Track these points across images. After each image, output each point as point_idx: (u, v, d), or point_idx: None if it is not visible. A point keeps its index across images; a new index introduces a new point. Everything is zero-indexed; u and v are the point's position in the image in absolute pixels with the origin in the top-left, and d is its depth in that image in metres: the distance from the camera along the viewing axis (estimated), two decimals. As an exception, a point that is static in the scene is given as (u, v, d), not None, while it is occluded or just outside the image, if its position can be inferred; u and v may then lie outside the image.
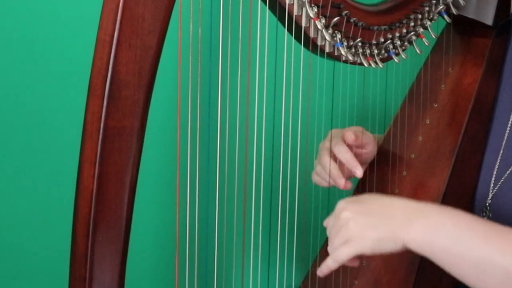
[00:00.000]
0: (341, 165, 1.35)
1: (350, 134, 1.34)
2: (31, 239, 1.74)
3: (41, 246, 1.74)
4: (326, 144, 1.37)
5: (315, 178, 1.40)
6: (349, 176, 1.36)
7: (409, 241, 1.10)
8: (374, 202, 1.16)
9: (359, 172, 1.33)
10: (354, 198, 1.18)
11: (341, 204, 1.16)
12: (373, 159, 1.39)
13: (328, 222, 1.18)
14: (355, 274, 1.28)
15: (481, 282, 1.10)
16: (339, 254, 1.13)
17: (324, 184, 1.38)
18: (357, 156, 1.35)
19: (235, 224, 1.29)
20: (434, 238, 1.09)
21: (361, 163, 1.35)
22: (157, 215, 1.76)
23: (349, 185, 1.35)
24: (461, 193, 1.33)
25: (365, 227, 1.12)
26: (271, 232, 1.26)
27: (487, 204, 1.32)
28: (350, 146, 1.35)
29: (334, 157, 1.35)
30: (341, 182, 1.34)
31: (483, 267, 1.08)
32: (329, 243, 1.16)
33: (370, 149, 1.38)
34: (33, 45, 1.67)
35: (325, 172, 1.35)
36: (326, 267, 1.16)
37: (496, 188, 1.32)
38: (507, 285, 1.08)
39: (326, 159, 1.35)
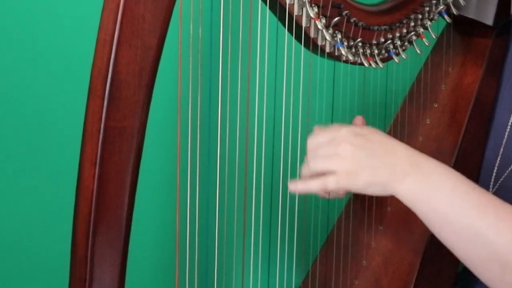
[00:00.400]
0: None
1: (359, 118, 1.31)
2: (31, 239, 1.74)
3: (41, 246, 1.74)
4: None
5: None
6: None
7: (400, 193, 1.08)
8: (378, 141, 1.11)
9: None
10: (358, 129, 1.12)
11: (343, 132, 1.10)
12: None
13: (317, 138, 1.12)
14: (355, 274, 1.28)
15: (466, 252, 1.07)
16: (327, 182, 1.09)
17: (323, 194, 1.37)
18: None
19: (235, 224, 1.29)
20: (428, 198, 1.07)
21: None
22: (157, 215, 1.76)
23: None
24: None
25: (362, 166, 1.08)
26: (271, 232, 1.25)
27: (487, 203, 1.31)
28: None
29: None
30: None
31: (472, 238, 1.05)
32: (311, 159, 1.11)
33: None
34: (33, 45, 1.67)
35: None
36: (305, 187, 1.11)
37: (495, 187, 1.32)
38: (491, 262, 1.05)
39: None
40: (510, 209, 1.07)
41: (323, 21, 1.19)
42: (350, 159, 1.08)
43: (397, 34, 1.28)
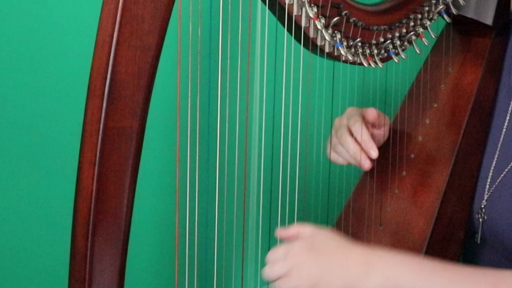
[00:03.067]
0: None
1: (373, 111, 1.32)
2: (31, 239, 1.74)
3: (41, 247, 1.74)
4: (343, 121, 1.36)
5: (333, 156, 1.38)
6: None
7: None
8: (329, 251, 1.15)
9: (374, 153, 1.32)
10: (309, 243, 1.16)
11: (296, 249, 1.15)
12: (373, 161, 1.39)
13: (274, 253, 1.16)
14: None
15: None
16: None
17: (342, 162, 1.37)
18: (371, 136, 1.34)
19: (235, 224, 1.29)
20: (396, 285, 1.11)
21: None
22: (157, 215, 1.76)
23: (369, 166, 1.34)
24: (461, 193, 1.33)
25: (318, 282, 1.12)
26: (271, 232, 1.25)
27: (483, 206, 1.31)
28: (367, 125, 1.34)
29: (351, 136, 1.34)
30: (367, 164, 1.33)
31: None
32: (269, 275, 1.15)
33: (384, 132, 1.37)
34: (32, 45, 1.67)
35: (346, 152, 1.34)
36: None
37: (491, 190, 1.31)
38: None
39: (348, 139, 1.33)
40: (474, 278, 1.12)
41: (323, 21, 1.19)
42: (306, 278, 1.13)
43: (397, 34, 1.28)
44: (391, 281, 1.11)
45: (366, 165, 1.32)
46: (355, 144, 1.33)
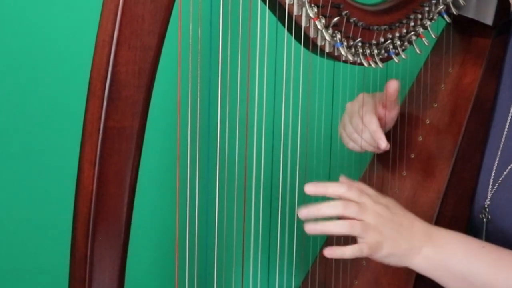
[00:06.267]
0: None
1: (394, 82, 1.32)
2: (31, 239, 1.74)
3: (41, 247, 1.74)
4: (355, 107, 1.36)
5: (351, 145, 1.39)
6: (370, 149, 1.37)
7: (417, 264, 1.16)
8: (398, 213, 1.16)
9: (383, 144, 1.32)
10: (382, 198, 1.16)
11: (372, 200, 1.14)
12: (373, 161, 1.39)
13: (347, 192, 1.14)
14: (355, 274, 1.28)
15: None
16: (358, 250, 1.13)
17: (358, 149, 1.38)
18: (381, 119, 1.35)
19: (235, 224, 1.29)
20: (444, 265, 1.15)
21: (382, 127, 1.35)
22: (157, 215, 1.76)
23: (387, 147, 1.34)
24: (461, 193, 1.33)
25: (386, 238, 1.13)
26: (271, 232, 1.25)
27: (486, 205, 1.32)
28: (378, 106, 1.34)
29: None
30: (384, 144, 1.33)
31: None
32: (347, 222, 1.13)
33: (393, 116, 1.37)
34: (32, 45, 1.67)
35: (362, 139, 1.35)
36: (339, 252, 1.14)
37: (494, 189, 1.31)
38: None
39: (360, 125, 1.35)
40: None
41: (323, 21, 1.19)
42: (378, 232, 1.13)
43: (397, 34, 1.28)
44: (442, 256, 1.15)
45: (384, 144, 1.32)
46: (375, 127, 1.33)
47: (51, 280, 1.72)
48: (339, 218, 1.13)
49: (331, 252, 1.14)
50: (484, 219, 1.31)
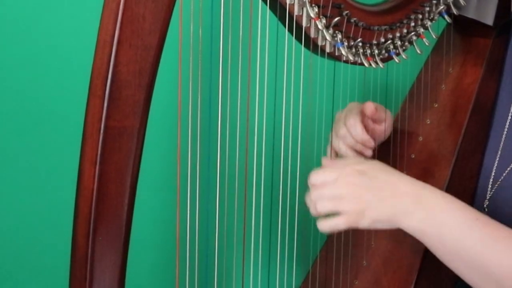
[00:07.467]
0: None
1: (370, 105, 1.32)
2: (31, 239, 1.74)
3: (41, 246, 1.74)
4: (342, 115, 1.36)
5: (332, 154, 1.38)
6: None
7: (407, 228, 1.12)
8: (381, 178, 1.14)
9: (367, 152, 1.33)
10: (361, 166, 1.15)
11: (348, 171, 1.13)
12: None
13: (322, 176, 1.14)
14: (355, 274, 1.28)
15: (474, 281, 1.12)
16: (338, 223, 1.13)
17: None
18: (371, 131, 1.34)
19: (235, 224, 1.29)
20: (434, 233, 1.11)
21: (373, 139, 1.34)
22: (157, 215, 1.76)
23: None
24: (461, 193, 1.33)
25: (368, 206, 1.12)
26: (271, 232, 1.25)
27: (485, 205, 1.32)
28: (365, 119, 1.34)
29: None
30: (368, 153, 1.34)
31: (479, 269, 1.10)
32: (318, 200, 1.14)
33: (385, 127, 1.37)
34: (33, 45, 1.67)
35: (343, 145, 1.35)
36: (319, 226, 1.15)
37: (493, 189, 1.31)
38: (491, 283, 1.10)
39: (342, 131, 1.34)
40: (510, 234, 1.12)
41: (323, 21, 1.19)
42: (357, 200, 1.12)
43: (397, 34, 1.28)
44: (433, 222, 1.11)
45: (372, 143, 1.33)
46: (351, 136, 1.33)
47: (51, 280, 1.73)
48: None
49: (321, 225, 1.14)
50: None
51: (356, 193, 1.12)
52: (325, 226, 1.14)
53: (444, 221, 1.11)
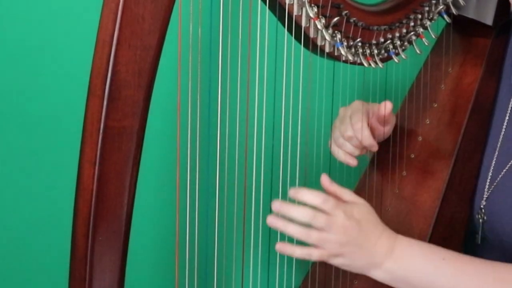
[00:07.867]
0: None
1: (389, 105, 1.32)
2: (31, 239, 1.74)
3: (41, 246, 1.74)
4: (347, 113, 1.36)
5: (334, 149, 1.38)
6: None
7: (375, 277, 1.18)
8: (365, 229, 1.17)
9: (375, 148, 1.34)
10: (353, 212, 1.17)
11: (340, 218, 1.15)
12: (373, 161, 1.39)
13: (319, 202, 1.16)
14: (355, 274, 1.28)
15: None
16: (312, 254, 1.16)
17: (341, 157, 1.37)
18: (375, 131, 1.35)
19: (235, 224, 1.29)
20: (401, 278, 1.17)
21: (374, 138, 1.34)
22: (157, 215, 1.76)
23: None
24: (461, 193, 1.33)
25: (346, 252, 1.15)
26: (271, 232, 1.25)
27: (482, 206, 1.32)
28: (370, 118, 1.34)
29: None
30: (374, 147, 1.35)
31: None
32: (306, 234, 1.15)
33: (386, 130, 1.37)
34: (33, 45, 1.67)
35: (349, 144, 1.35)
36: (289, 249, 1.16)
37: (490, 190, 1.31)
38: None
39: (348, 131, 1.35)
40: (482, 270, 1.18)
41: (323, 21, 1.19)
42: (339, 246, 1.15)
43: (397, 34, 1.28)
44: (401, 270, 1.17)
45: (376, 148, 1.34)
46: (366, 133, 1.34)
47: (51, 280, 1.72)
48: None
49: (281, 247, 1.16)
50: (480, 220, 1.31)
51: (344, 242, 1.15)
52: (298, 252, 1.16)
53: (410, 266, 1.17)
